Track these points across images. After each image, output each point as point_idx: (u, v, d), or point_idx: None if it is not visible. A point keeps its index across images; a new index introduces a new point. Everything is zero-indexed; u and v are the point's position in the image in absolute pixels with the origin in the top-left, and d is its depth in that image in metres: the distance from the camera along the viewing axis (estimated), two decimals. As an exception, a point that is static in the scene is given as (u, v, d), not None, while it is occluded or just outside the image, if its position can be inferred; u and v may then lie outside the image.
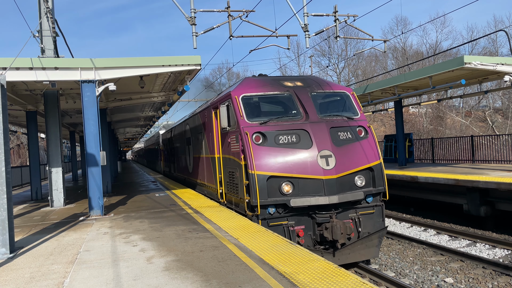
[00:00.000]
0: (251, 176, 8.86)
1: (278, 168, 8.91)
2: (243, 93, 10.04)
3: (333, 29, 16.15)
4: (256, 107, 9.99)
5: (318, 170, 8.85)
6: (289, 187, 8.87)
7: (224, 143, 11.05)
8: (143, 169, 41.25)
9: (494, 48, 52.44)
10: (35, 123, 16.29)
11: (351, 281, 4.76)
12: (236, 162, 9.90)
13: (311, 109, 9.73)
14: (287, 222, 8.95)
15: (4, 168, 6.84)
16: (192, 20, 13.27)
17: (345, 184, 9.07)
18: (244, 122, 9.53)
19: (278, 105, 10.10)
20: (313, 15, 15.12)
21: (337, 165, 8.97)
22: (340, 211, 9.14)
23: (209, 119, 12.65)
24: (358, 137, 9.69)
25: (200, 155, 14.62)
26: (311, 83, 10.62)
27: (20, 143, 46.68)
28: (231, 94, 10.16)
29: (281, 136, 9.24)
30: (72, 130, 28.76)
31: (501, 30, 31.75)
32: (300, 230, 8.97)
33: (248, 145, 9.09)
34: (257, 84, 10.39)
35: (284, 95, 10.09)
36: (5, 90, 7.12)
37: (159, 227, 8.79)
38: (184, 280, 5.15)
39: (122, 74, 10.95)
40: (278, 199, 8.83)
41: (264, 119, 9.58)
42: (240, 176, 9.68)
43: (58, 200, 13.11)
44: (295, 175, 8.88)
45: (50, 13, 12.00)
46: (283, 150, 9.09)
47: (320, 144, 9.08)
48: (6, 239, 6.92)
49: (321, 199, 8.73)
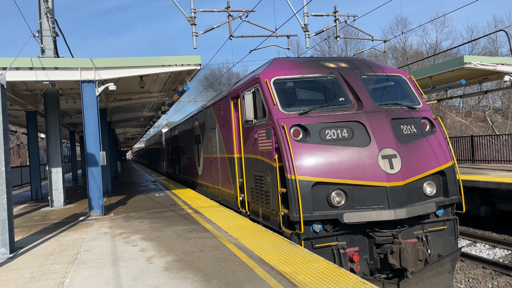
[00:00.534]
0: (291, 182, 7.02)
1: (326, 172, 7.05)
2: (276, 75, 8.16)
3: (333, 29, 16.17)
4: (292, 94, 8.24)
5: (379, 175, 6.96)
6: (341, 197, 7.01)
7: (247, 140, 9.24)
8: (144, 169, 41.22)
9: (494, 48, 52.43)
10: (35, 123, 16.30)
11: (351, 281, 4.76)
12: (267, 163, 8.11)
13: (365, 95, 7.83)
14: (337, 243, 7.04)
15: (4, 168, 6.84)
16: (192, 20, 13.28)
17: (413, 193, 7.19)
18: (278, 113, 7.68)
19: (319, 91, 8.26)
20: (313, 15, 15.14)
21: (403, 168, 7.06)
22: (406, 228, 7.21)
23: (226, 112, 10.88)
24: (424, 132, 7.83)
25: (213, 155, 12.94)
26: (358, 64, 8.77)
27: (20, 143, 46.69)
28: (259, 77, 8.31)
29: (328, 130, 7.37)
30: (72, 130, 28.76)
31: (501, 30, 31.77)
32: (354, 254, 7.01)
33: (286, 141, 7.25)
34: (292, 65, 8.56)
35: (327, 78, 8.17)
36: (5, 90, 7.12)
37: (159, 227, 8.79)
38: (184, 280, 5.15)
39: (122, 74, 10.96)
40: (327, 213, 6.95)
41: (304, 109, 7.67)
42: (272, 182, 7.86)
43: (58, 200, 13.11)
44: (348, 181, 7.00)
45: (50, 13, 12.00)
46: (332, 148, 7.20)
47: (381, 141, 7.19)
48: (6, 239, 6.92)
49: (385, 214, 6.81)
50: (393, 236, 6.97)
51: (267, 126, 8.01)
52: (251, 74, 9.88)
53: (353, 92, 7.90)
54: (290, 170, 7.07)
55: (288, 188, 7.09)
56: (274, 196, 7.81)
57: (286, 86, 8.17)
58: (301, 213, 6.82)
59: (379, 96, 8.31)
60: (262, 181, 8.41)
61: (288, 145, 7.17)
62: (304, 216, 6.86)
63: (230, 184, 11.05)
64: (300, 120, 7.50)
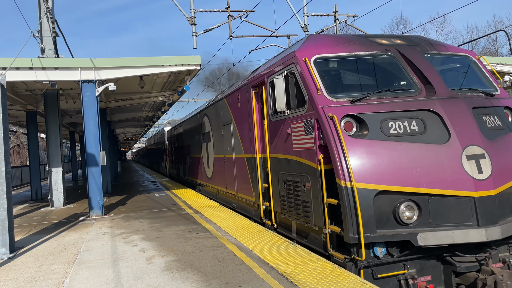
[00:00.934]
0: (345, 191, 5.39)
1: (393, 178, 5.43)
2: (317, 53, 6.49)
3: (333, 29, 16.20)
4: (338, 76, 6.62)
5: (464, 181, 5.35)
6: (412, 211, 5.38)
7: (276, 137, 7.71)
8: (144, 169, 41.18)
9: (494, 48, 52.43)
10: (35, 123, 16.31)
11: (351, 281, 4.76)
12: (305, 166, 6.51)
13: (435, 78, 6.17)
14: (405, 272, 5.50)
15: (4, 168, 6.84)
16: (192, 20, 13.29)
17: (505, 205, 5.59)
18: (324, 100, 6.04)
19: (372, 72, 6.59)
20: (313, 15, 15.18)
21: (495, 172, 5.46)
22: (495, 250, 5.62)
23: (245, 104, 9.39)
24: (510, 125, 6.32)
25: (226, 155, 11.44)
26: (417, 41, 7.06)
27: (20, 143, 46.70)
28: (296, 56, 6.67)
29: (392, 122, 5.75)
30: (72, 130, 28.77)
31: (501, 30, 31.79)
32: (429, 286, 5.48)
33: (337, 137, 5.66)
34: (334, 41, 6.94)
35: (382, 56, 6.51)
36: (5, 90, 7.13)
37: (159, 227, 8.79)
38: (184, 280, 5.15)
39: (122, 74, 10.97)
40: (395, 233, 5.34)
41: (357, 95, 6.01)
42: (314, 190, 6.26)
43: (58, 200, 13.12)
44: (423, 190, 5.37)
45: (50, 13, 12.00)
46: (399, 146, 5.58)
47: (464, 136, 5.58)
48: (6, 239, 6.92)
49: (473, 234, 5.21)
50: (479, 262, 5.34)
51: (306, 117, 6.40)
52: (277, 56, 8.24)
53: (418, 74, 6.27)
54: (345, 175, 5.45)
55: (342, 199, 5.46)
56: (316, 208, 6.24)
57: (330, 66, 6.55)
58: (361, 233, 5.19)
59: (449, 80, 6.62)
60: (298, 187, 6.80)
61: (341, 142, 5.56)
62: (365, 237, 5.21)
63: (249, 190, 9.54)
64: (353, 109, 5.84)
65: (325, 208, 5.96)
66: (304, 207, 6.63)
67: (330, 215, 5.96)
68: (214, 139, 12.88)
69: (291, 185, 7.07)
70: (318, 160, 6.08)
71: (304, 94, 6.45)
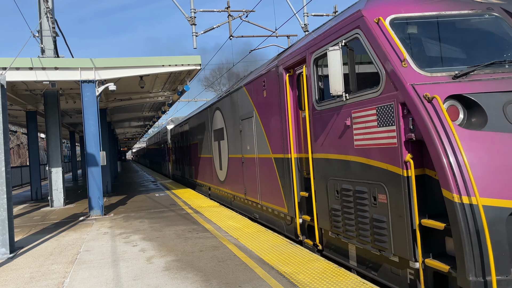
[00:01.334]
0: (460, 210, 3.71)
1: None
2: (394, 12, 4.80)
3: (333, 29, 16.17)
4: (426, 44, 4.86)
5: None
6: None
7: (323, 131, 6.01)
8: (145, 170, 41.18)
9: (494, 48, 52.43)
10: (35, 123, 16.31)
11: (351, 281, 4.76)
12: (378, 169, 4.82)
13: None
14: None
15: (4, 168, 6.85)
16: (192, 20, 13.28)
17: None
18: (413, 74, 4.37)
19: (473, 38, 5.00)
20: (313, 15, 15.17)
21: None
22: None
23: (274, 91, 7.83)
24: None
25: (245, 155, 9.90)
26: None
27: (20, 143, 46.70)
28: (363, 16, 4.99)
29: None
30: (72, 130, 28.78)
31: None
32: None
33: (441, 128, 3.99)
34: None
35: (484, 17, 4.83)
36: (5, 90, 7.13)
37: (159, 227, 8.79)
38: (184, 280, 5.15)
39: (122, 74, 10.98)
40: None
41: (460, 68, 4.37)
42: (394, 205, 4.56)
43: (58, 200, 13.13)
44: None
45: (50, 13, 12.01)
46: None
47: None
48: (6, 239, 6.93)
49: None
50: None
51: (382, 101, 4.69)
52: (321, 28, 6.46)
53: None
54: (460, 184, 3.76)
55: (454, 222, 3.76)
56: (398, 232, 4.52)
57: (413, 30, 4.81)
58: (492, 275, 3.53)
59: None
60: (364, 200, 5.09)
61: (452, 135, 3.92)
62: (498, 282, 3.56)
63: (279, 198, 7.94)
64: (459, 87, 4.18)
65: (418, 232, 4.22)
66: (376, 227, 4.86)
67: (423, 241, 4.26)
68: (228, 137, 11.34)
69: (351, 196, 5.35)
70: (404, 162, 4.36)
71: (378, 69, 4.73)
